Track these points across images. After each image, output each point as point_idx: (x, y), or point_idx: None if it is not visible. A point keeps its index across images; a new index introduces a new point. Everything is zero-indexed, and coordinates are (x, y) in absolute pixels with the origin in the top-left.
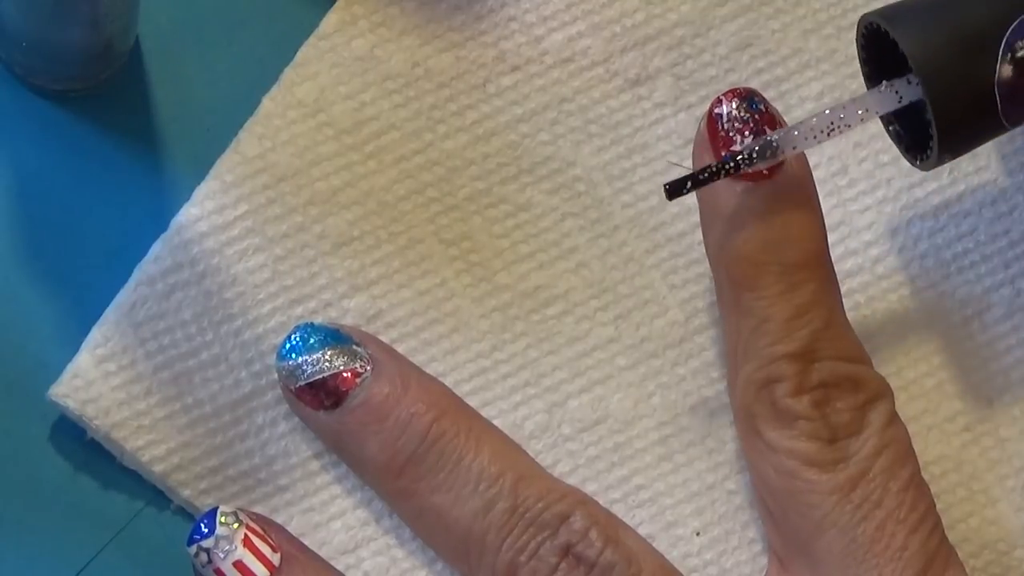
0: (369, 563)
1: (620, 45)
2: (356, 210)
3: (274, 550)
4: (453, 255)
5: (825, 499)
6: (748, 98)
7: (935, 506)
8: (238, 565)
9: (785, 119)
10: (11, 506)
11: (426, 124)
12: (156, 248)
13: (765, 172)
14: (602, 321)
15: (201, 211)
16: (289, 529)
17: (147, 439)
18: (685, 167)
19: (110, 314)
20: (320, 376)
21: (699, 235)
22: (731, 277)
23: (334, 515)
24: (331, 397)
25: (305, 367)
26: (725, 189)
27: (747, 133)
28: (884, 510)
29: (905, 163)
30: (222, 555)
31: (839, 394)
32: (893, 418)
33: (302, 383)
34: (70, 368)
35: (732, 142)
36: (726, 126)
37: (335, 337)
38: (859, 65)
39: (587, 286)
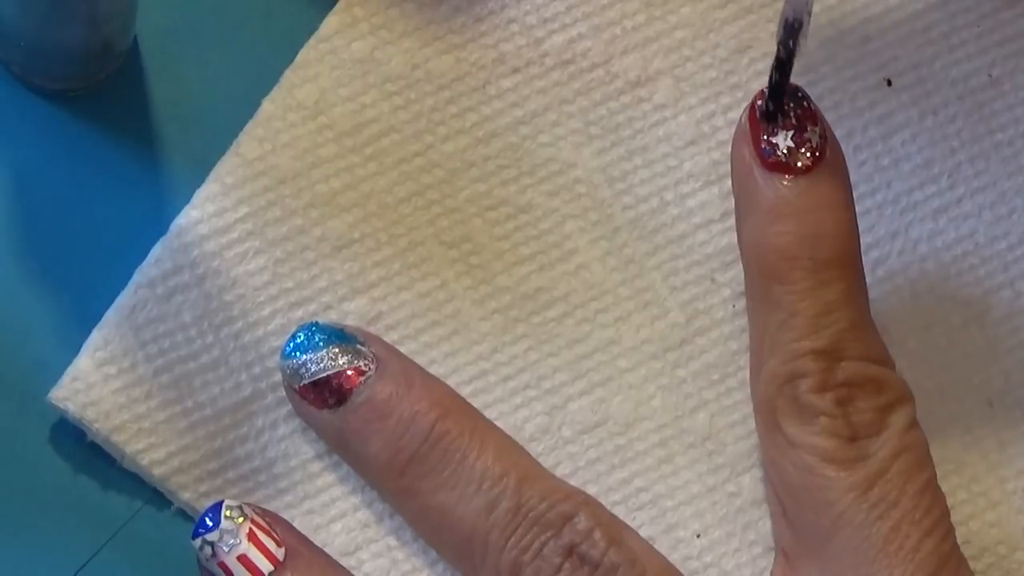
0: (370, 565)
1: (620, 47)
2: (356, 212)
3: (278, 544)
4: (454, 257)
5: (842, 496)
6: (791, 93)
7: (949, 513)
8: (242, 559)
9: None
10: (10, 506)
11: (426, 126)
12: (156, 251)
13: (804, 167)
14: (603, 323)
15: (201, 214)
16: None
17: (147, 442)
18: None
19: (110, 316)
20: (324, 374)
21: (700, 237)
22: (762, 269)
23: (335, 517)
24: (335, 395)
25: (309, 365)
26: (763, 181)
27: (788, 128)
28: (900, 511)
29: (906, 166)
30: (226, 549)
31: (862, 394)
32: (913, 423)
33: (306, 381)
34: (70, 371)
35: (773, 135)
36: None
37: (339, 336)
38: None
39: (588, 288)
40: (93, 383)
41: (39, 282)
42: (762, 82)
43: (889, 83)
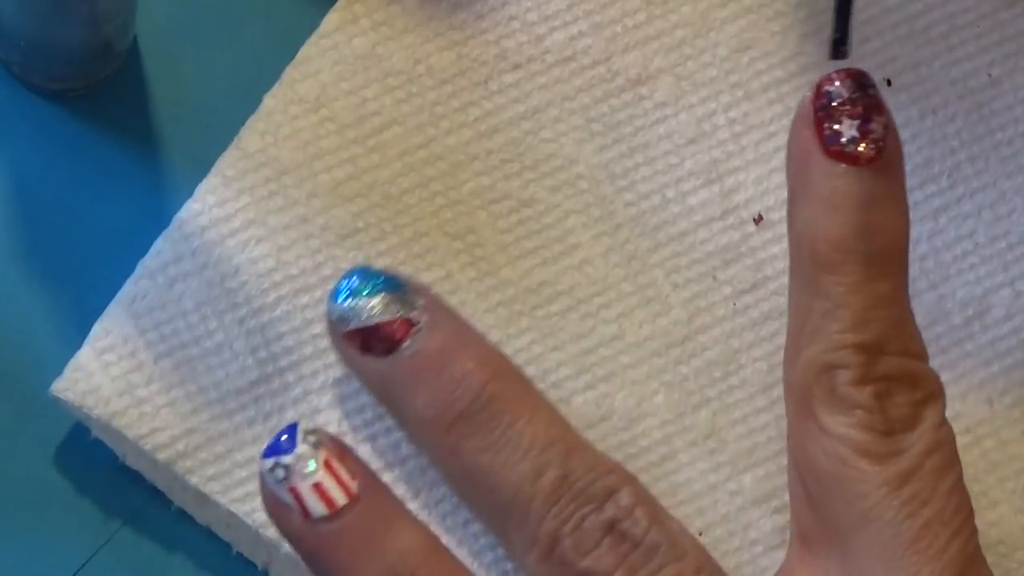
0: None
1: (621, 45)
2: (360, 202)
3: (353, 477)
4: (458, 248)
5: (874, 491)
6: (859, 80)
7: (974, 514)
8: (317, 488)
9: (787, 122)
10: (10, 506)
11: (429, 119)
12: (158, 244)
13: (867, 158)
14: (606, 319)
15: (202, 206)
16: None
17: (150, 427)
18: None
19: (111, 309)
20: (374, 322)
21: (701, 235)
22: (812, 257)
23: None
24: (384, 344)
25: (360, 311)
26: (823, 168)
27: (854, 116)
28: (931, 509)
29: (906, 166)
30: (302, 475)
31: (898, 389)
32: (944, 419)
33: (354, 327)
34: (71, 364)
35: (838, 120)
36: (833, 104)
37: (393, 283)
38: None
39: (590, 283)
40: (93, 371)
41: (40, 282)
42: (762, 82)
43: (889, 83)
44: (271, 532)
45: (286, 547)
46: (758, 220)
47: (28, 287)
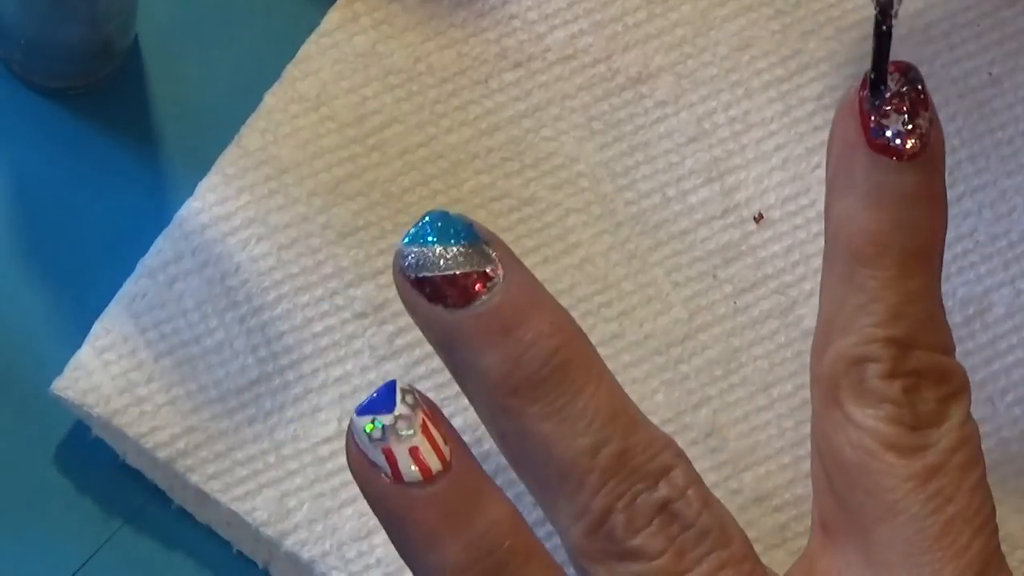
0: (382, 550)
1: (622, 43)
2: (361, 201)
3: (446, 442)
4: None
5: (900, 484)
6: (908, 73)
7: (995, 511)
8: (413, 452)
9: (787, 120)
10: (10, 504)
11: (429, 118)
12: (158, 242)
13: (911, 153)
14: (606, 317)
15: (203, 204)
16: (300, 515)
17: (150, 425)
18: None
19: (111, 308)
20: (450, 272)
21: (701, 233)
22: (850, 249)
23: (346, 501)
24: (458, 297)
25: (436, 260)
26: (866, 161)
27: (900, 111)
28: (955, 506)
29: None
30: (399, 437)
31: (928, 384)
32: (969, 415)
33: (427, 275)
34: (71, 363)
35: (884, 114)
36: (882, 98)
37: (471, 234)
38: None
39: (591, 282)
40: (93, 370)
41: (40, 281)
42: (762, 80)
43: None
44: (271, 531)
45: (286, 545)
46: (758, 218)
47: (28, 286)
